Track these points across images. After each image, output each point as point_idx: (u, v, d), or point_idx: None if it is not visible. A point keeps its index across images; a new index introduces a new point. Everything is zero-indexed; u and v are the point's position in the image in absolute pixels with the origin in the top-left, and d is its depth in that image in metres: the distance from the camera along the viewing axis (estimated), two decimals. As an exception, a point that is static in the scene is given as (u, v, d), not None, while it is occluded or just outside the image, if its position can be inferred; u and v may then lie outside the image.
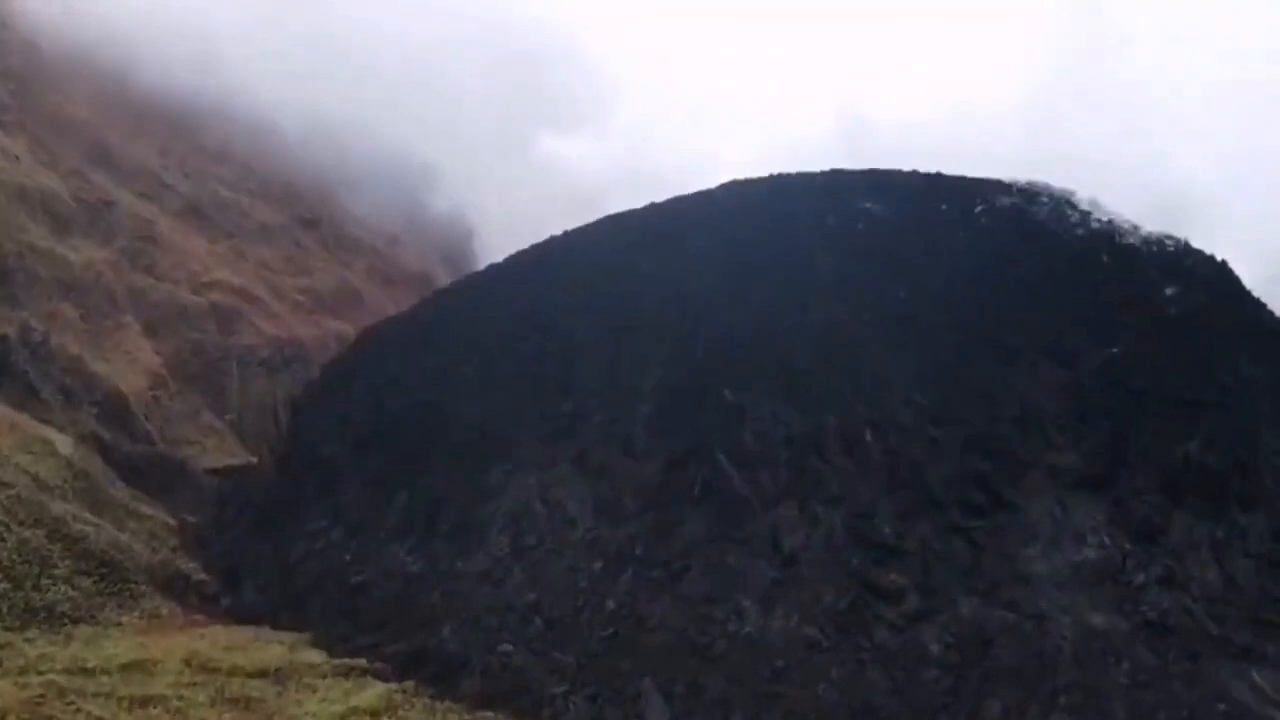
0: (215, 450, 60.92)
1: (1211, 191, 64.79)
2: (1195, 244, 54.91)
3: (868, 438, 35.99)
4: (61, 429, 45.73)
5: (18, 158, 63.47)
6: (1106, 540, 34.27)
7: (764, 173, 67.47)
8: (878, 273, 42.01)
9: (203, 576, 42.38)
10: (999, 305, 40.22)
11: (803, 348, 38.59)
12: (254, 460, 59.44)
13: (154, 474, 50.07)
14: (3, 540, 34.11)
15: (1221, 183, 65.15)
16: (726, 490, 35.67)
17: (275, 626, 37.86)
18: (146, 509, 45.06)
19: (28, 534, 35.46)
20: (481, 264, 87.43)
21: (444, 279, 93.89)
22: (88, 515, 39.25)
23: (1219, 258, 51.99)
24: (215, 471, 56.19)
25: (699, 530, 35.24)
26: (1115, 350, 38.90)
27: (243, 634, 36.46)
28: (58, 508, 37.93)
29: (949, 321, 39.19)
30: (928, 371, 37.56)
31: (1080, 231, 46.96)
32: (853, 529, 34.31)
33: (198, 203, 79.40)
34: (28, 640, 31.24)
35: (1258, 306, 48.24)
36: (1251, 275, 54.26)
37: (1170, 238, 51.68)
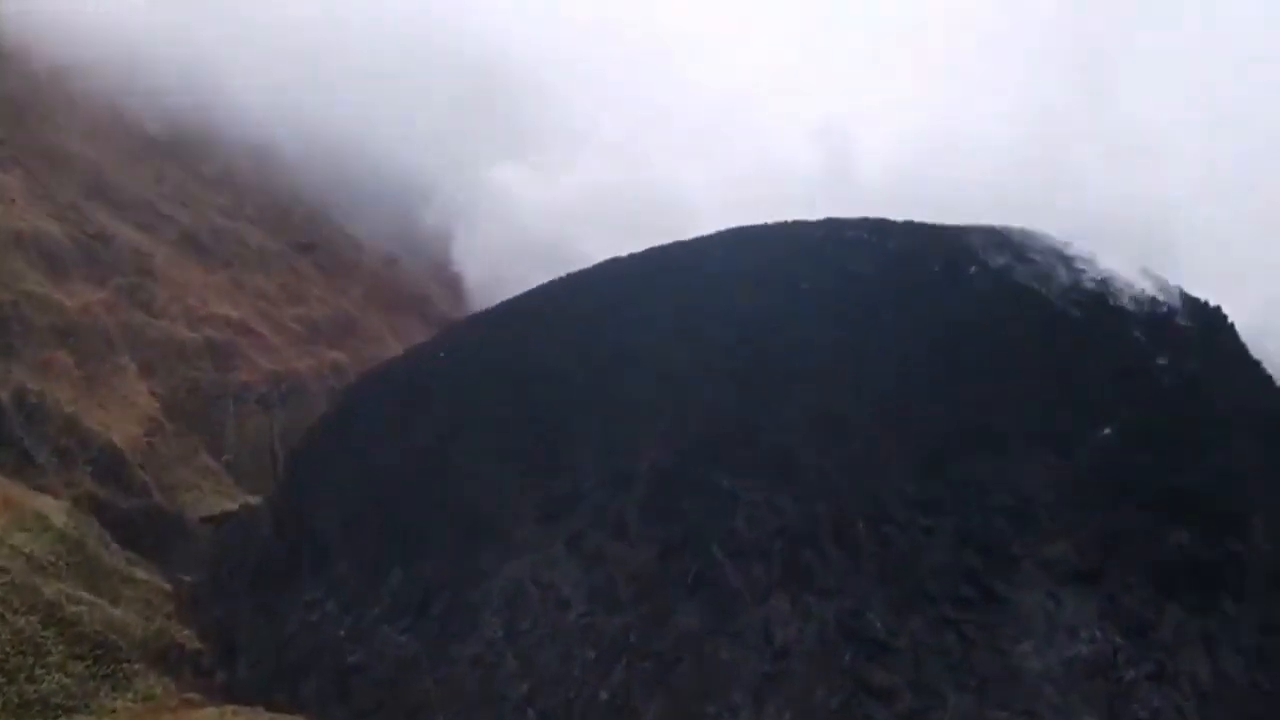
0: (212, 493, 60.82)
1: (1208, 230, 64.22)
2: (1190, 284, 55.28)
3: (860, 529, 36.06)
4: (57, 494, 45.75)
5: (13, 200, 63.23)
6: (1098, 635, 34.45)
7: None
8: (871, 347, 42.04)
9: (198, 645, 42.48)
10: (991, 384, 40.24)
11: (795, 431, 38.60)
12: (251, 501, 59.63)
13: (149, 530, 50.12)
14: (-4, 633, 34.17)
15: (1219, 221, 64.41)
16: (719, 581, 35.78)
17: (270, 706, 38.04)
18: (141, 573, 45.15)
19: (22, 622, 35.59)
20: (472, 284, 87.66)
21: (441, 300, 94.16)
22: (82, 594, 39.32)
23: (1212, 304, 52.22)
24: (211, 519, 56.23)
25: (692, 621, 35.36)
26: (1107, 432, 38.97)
27: (237, 717, 36.60)
28: (52, 589, 38.01)
29: (941, 403, 39.22)
30: (920, 458, 37.64)
31: (1073, 295, 47.05)
32: (845, 624, 34.44)
33: (195, 232, 79.15)
34: (22, 736, 31.35)
35: (1253, 368, 48.43)
36: (1248, 314, 54.54)
37: (1164, 288, 51.86)
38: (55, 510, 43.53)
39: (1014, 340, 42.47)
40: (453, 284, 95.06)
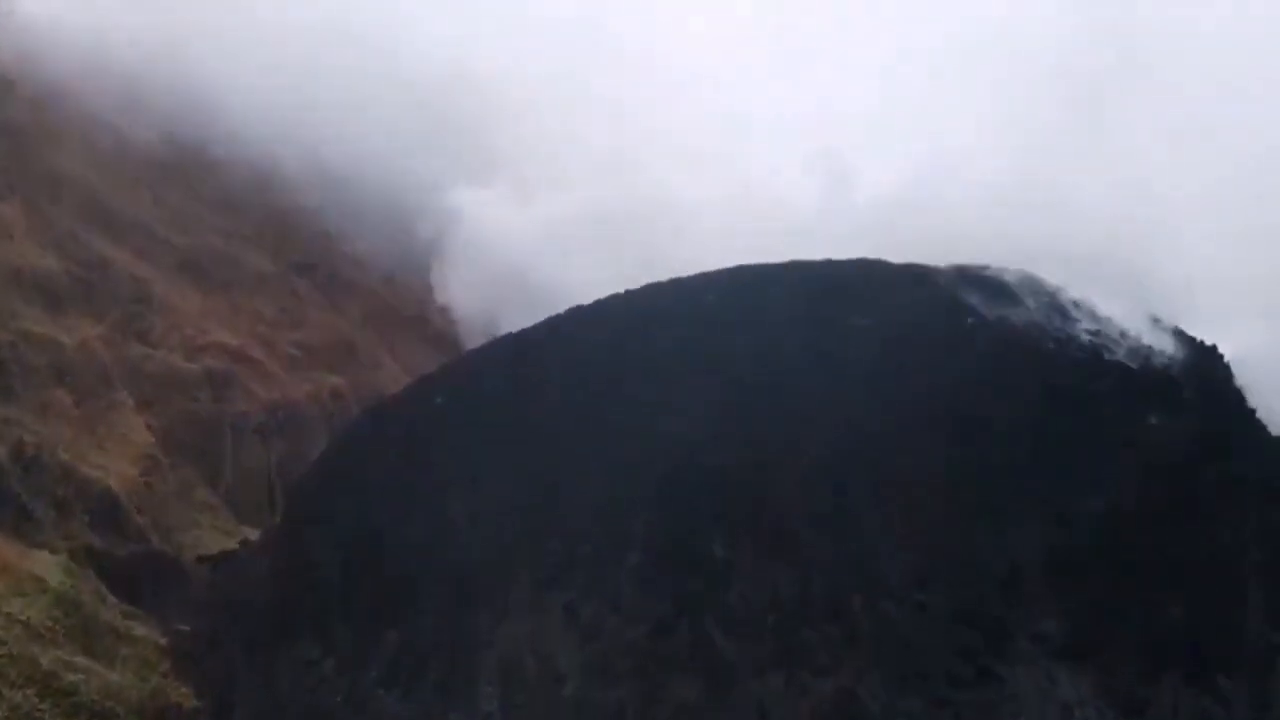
0: (209, 529, 61.01)
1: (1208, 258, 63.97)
2: (1188, 316, 55.23)
3: (856, 604, 36.09)
4: (54, 548, 45.87)
5: (11, 236, 63.23)
6: (1093, 712, 34.54)
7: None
8: (868, 410, 41.98)
9: (195, 704, 42.56)
10: (987, 452, 40.25)
11: (791, 501, 38.61)
12: (249, 535, 59.83)
13: (147, 577, 50.15)
14: (-5, 709, 34.29)
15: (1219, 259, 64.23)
16: (714, 656, 35.82)
17: (266, 772, 38.14)
18: (139, 628, 45.28)
19: (19, 697, 35.73)
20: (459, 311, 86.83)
21: (439, 318, 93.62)
22: (79, 659, 39.48)
23: (1209, 343, 52.17)
24: (208, 559, 56.33)
25: (687, 696, 35.52)
26: (1101, 504, 38.97)
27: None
28: (49, 658, 38.17)
29: (937, 472, 39.21)
30: (915, 531, 37.67)
31: (1069, 351, 47.08)
32: (840, 702, 34.49)
33: (193, 255, 79.12)
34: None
35: (1252, 421, 48.39)
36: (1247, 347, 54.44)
37: (1161, 331, 51.84)
38: (52, 568, 43.65)
39: (1009, 406, 42.45)
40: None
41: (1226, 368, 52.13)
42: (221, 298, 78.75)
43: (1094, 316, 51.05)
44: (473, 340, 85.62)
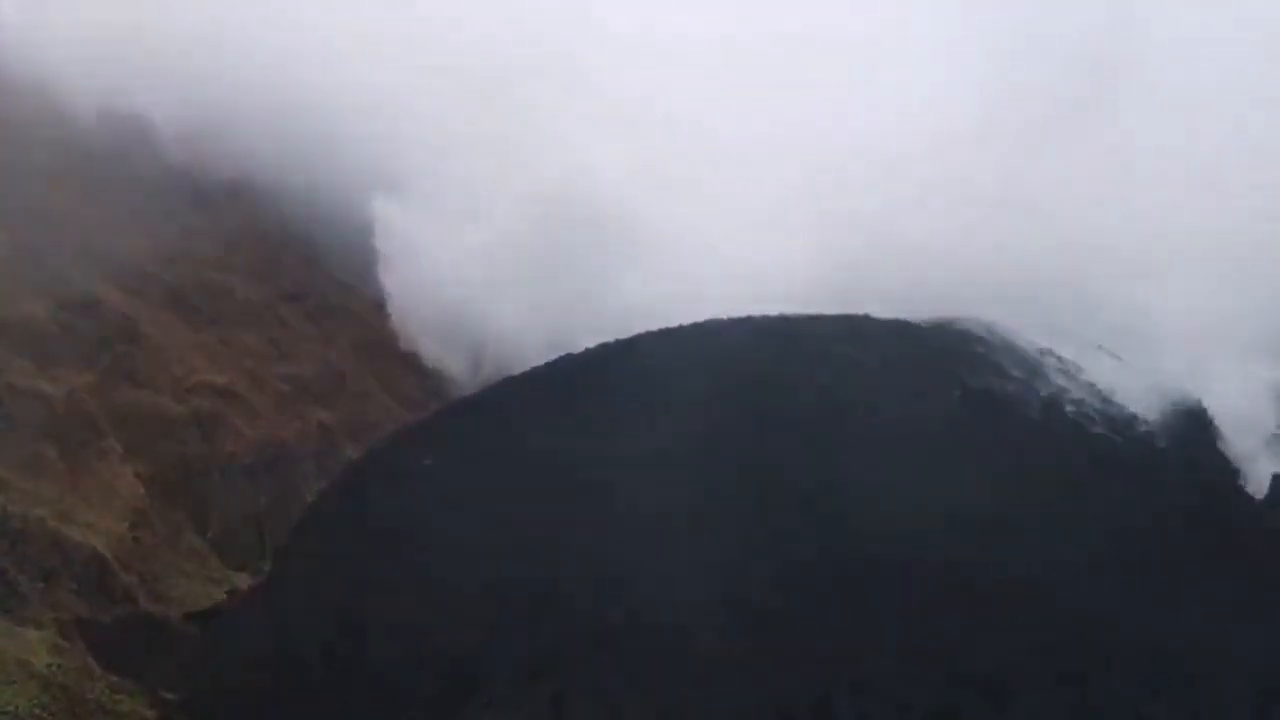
0: (198, 578, 61.17)
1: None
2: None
3: (840, 703, 36.32)
4: (41, 624, 45.95)
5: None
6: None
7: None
8: (853, 497, 42.13)
9: (182, 786, 42.79)
10: (969, 542, 40.46)
11: (776, 598, 38.77)
12: (236, 587, 60.03)
13: (135, 642, 50.26)
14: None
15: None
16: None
17: None
18: (127, 703, 45.41)
19: (6, 795, 35.78)
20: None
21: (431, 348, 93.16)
22: (66, 748, 39.54)
23: (1194, 407, 52.42)
24: (196, 616, 56.47)
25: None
26: (1082, 597, 39.21)
27: None
28: (36, 752, 38.24)
29: (918, 562, 39.41)
30: (897, 628, 37.84)
31: (1053, 426, 47.37)
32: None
33: (180, 290, 78.94)
34: None
35: (1240, 495, 48.70)
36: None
37: (1148, 396, 52.10)
38: (39, 648, 43.78)
39: (995, 487, 42.74)
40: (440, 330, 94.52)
41: (1210, 429, 52.48)
42: (210, 332, 78.67)
43: (1078, 384, 51.31)
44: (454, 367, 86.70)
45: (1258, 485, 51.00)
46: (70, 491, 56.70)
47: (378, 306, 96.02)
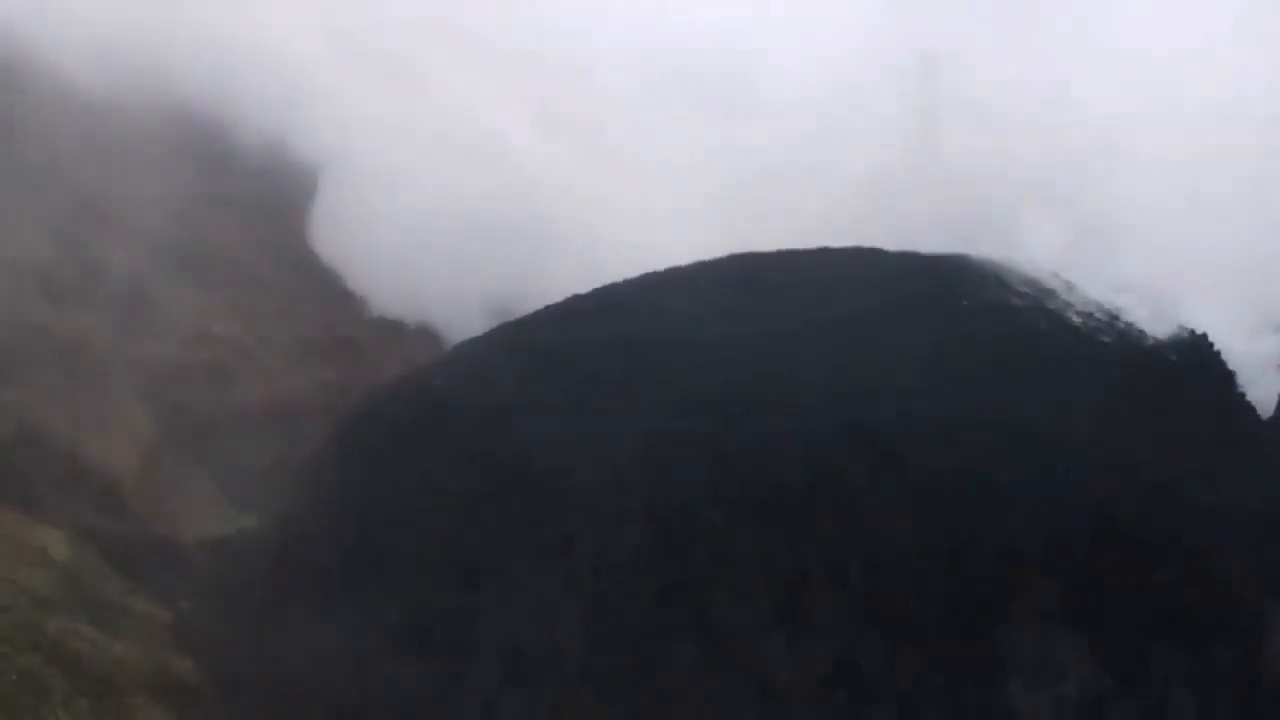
0: (208, 516, 61.30)
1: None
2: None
3: (854, 571, 36.58)
4: (57, 525, 46.11)
5: (9, 227, 63.61)
6: (1086, 675, 35.01)
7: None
8: (869, 387, 42.49)
9: (198, 678, 42.82)
10: (983, 430, 40.74)
11: (791, 475, 39.06)
12: (247, 525, 60.10)
13: (148, 557, 50.38)
14: (2, 673, 34.52)
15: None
16: (715, 622, 36.24)
17: (269, 745, 38.43)
18: (140, 604, 45.54)
19: (25, 661, 35.91)
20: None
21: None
22: (83, 628, 39.72)
23: (1198, 331, 52.75)
24: (208, 544, 56.62)
25: (688, 661, 35.90)
26: (1096, 476, 39.47)
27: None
28: (54, 625, 38.44)
29: (934, 449, 39.69)
30: (912, 503, 38.11)
31: (1059, 334, 47.69)
32: (839, 663, 34.97)
33: (190, 253, 79.33)
34: (27, 776, 31.75)
35: (1239, 401, 49.03)
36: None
37: (1152, 314, 52.40)
38: (56, 543, 44.00)
39: (1006, 382, 43.05)
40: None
41: (1216, 354, 52.78)
42: (220, 295, 78.93)
43: (1084, 299, 51.72)
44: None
45: (1263, 406, 51.30)
46: (84, 422, 56.94)
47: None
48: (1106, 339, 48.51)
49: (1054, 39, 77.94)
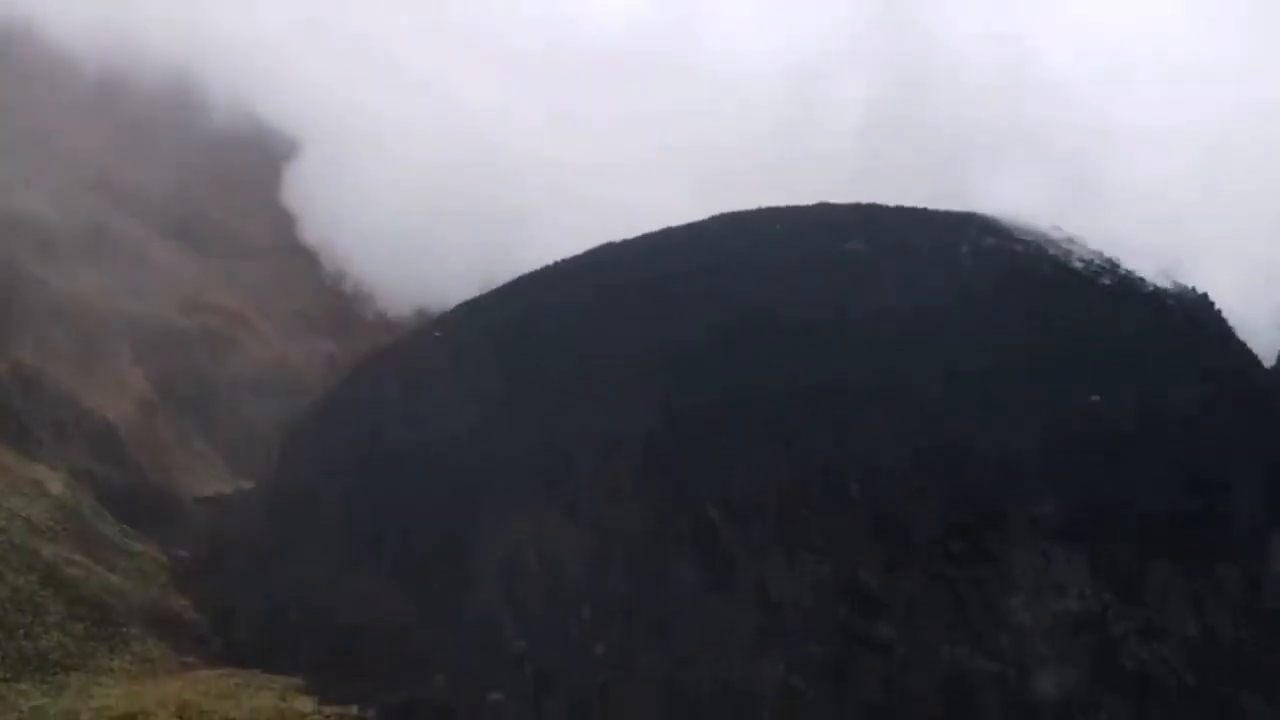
0: (205, 476, 61.23)
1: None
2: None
3: (853, 488, 36.44)
4: (53, 466, 46.00)
5: (9, 183, 63.61)
6: (1087, 591, 34.84)
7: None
8: (868, 313, 42.38)
9: (194, 615, 42.71)
10: (984, 353, 40.57)
11: (790, 397, 38.93)
12: (244, 487, 59.91)
13: (145, 506, 50.36)
14: (-4, 591, 34.46)
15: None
16: (714, 540, 36.10)
17: (268, 670, 38.22)
18: (137, 545, 45.47)
19: (20, 581, 35.90)
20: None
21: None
22: (79, 557, 39.67)
23: (1198, 290, 52.65)
24: (205, 500, 56.53)
25: (687, 580, 35.75)
26: (1096, 398, 39.33)
27: (234, 680, 36.87)
28: (49, 551, 38.33)
29: (934, 369, 39.56)
30: (912, 421, 37.96)
31: (1062, 274, 47.60)
32: (839, 580, 34.81)
33: (189, 223, 79.51)
34: (21, 692, 31.65)
35: (1238, 345, 48.91)
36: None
37: (1153, 272, 52.33)
38: (52, 479, 43.92)
39: (1007, 314, 42.90)
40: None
41: (1215, 308, 52.70)
42: (218, 265, 79.05)
43: (1084, 250, 51.67)
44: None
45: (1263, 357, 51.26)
46: (81, 374, 56.86)
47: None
48: (1108, 281, 48.41)
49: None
